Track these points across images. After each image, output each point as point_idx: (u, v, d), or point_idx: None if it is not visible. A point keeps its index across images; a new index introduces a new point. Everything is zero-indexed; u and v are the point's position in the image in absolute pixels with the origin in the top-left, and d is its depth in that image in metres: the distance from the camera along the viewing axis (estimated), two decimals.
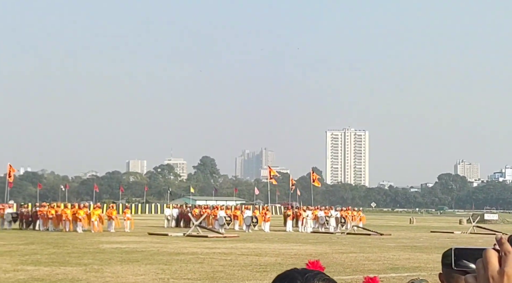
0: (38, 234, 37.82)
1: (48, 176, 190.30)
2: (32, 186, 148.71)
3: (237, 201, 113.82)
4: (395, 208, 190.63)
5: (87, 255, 23.06)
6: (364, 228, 44.94)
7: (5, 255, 22.95)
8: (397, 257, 23.90)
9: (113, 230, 40.41)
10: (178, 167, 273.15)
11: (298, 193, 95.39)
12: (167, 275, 17.34)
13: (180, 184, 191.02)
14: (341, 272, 18.07)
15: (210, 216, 46.23)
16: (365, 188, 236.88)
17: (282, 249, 27.28)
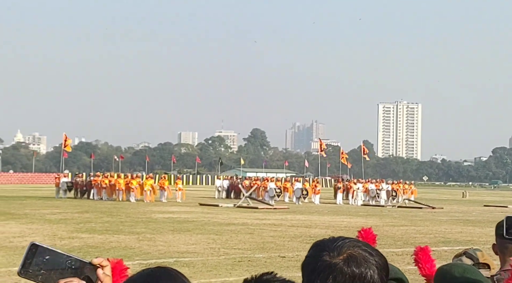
0: (92, 203, 38.64)
1: (102, 147, 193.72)
2: (86, 156, 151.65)
3: (287, 174, 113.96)
4: (448, 182, 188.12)
5: (140, 224, 23.47)
6: (415, 202, 44.50)
7: (60, 223, 23.54)
8: (449, 230, 23.62)
9: (165, 200, 41.00)
10: (228, 139, 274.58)
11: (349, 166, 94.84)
12: (217, 244, 17.52)
13: (230, 156, 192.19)
14: (392, 245, 17.97)
15: (260, 187, 46.45)
16: (417, 161, 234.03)
17: (332, 221, 27.25)
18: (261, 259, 14.89)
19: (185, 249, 16.36)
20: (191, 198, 45.00)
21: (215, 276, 12.22)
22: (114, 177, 45.09)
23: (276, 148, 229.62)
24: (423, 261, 3.21)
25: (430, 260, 3.22)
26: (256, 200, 39.32)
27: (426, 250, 3.26)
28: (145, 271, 2.02)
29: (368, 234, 2.90)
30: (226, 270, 13.13)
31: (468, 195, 69.82)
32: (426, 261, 3.21)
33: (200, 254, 15.47)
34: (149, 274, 1.97)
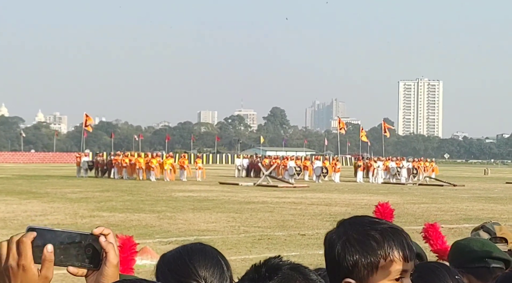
0: (113, 182, 38.89)
1: (122, 126, 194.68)
2: (107, 136, 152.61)
3: (307, 152, 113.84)
4: (469, 159, 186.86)
5: (160, 203, 23.56)
6: (436, 179, 44.26)
7: (81, 201, 23.71)
8: (470, 208, 23.46)
9: (185, 179, 41.14)
10: (248, 118, 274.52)
11: (369, 144, 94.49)
12: (237, 223, 17.54)
13: (250, 135, 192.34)
14: (412, 222, 17.87)
15: (280, 166, 46.45)
16: (438, 139, 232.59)
17: (352, 199, 27.18)
18: (280, 237, 14.88)
19: (205, 227, 16.40)
20: (211, 177, 45.11)
21: (235, 254, 12.23)
22: (134, 156, 45.31)
23: (296, 126, 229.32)
24: (434, 238, 3.18)
25: (440, 236, 3.19)
26: (276, 179, 39.33)
27: (435, 227, 3.23)
28: (180, 246, 2.06)
29: (385, 209, 2.86)
30: (246, 248, 13.14)
31: (490, 172, 69.30)
32: (437, 237, 3.18)
33: (220, 232, 15.50)
34: (183, 247, 2.03)
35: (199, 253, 1.98)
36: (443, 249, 3.10)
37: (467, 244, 2.85)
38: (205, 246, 2.06)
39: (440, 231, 3.26)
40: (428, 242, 3.25)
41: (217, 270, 1.96)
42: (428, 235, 3.24)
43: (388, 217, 2.80)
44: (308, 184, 38.31)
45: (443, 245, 3.16)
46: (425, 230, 3.26)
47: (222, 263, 2.00)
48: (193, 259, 1.95)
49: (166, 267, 1.97)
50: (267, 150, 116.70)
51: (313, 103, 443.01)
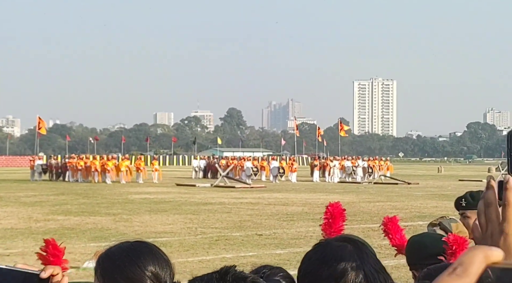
0: (67, 185, 38.36)
1: (77, 129, 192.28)
2: (61, 139, 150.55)
3: (264, 152, 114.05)
4: (423, 157, 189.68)
5: (116, 205, 23.34)
6: (391, 178, 44.83)
7: (36, 205, 23.33)
8: (424, 205, 23.83)
9: (141, 181, 40.81)
10: (205, 119, 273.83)
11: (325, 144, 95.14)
12: (195, 224, 17.49)
13: (207, 136, 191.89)
14: (368, 221, 18.08)
15: (237, 167, 46.47)
16: (393, 138, 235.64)
17: (309, 198, 27.34)
18: (238, 237, 14.89)
19: (162, 229, 16.31)
20: (168, 178, 44.85)
21: (192, 255, 12.20)
22: (89, 159, 44.76)
23: (253, 127, 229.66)
24: (393, 231, 3.20)
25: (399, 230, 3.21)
26: (233, 179, 39.33)
27: (394, 221, 3.24)
28: (124, 244, 1.99)
29: (335, 209, 2.87)
30: (203, 249, 13.11)
31: (444, 170, 70.50)
32: (396, 231, 3.20)
33: (177, 234, 15.43)
34: (129, 247, 1.95)
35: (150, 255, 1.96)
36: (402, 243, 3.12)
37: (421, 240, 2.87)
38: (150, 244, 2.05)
39: (399, 225, 3.27)
40: (387, 236, 3.26)
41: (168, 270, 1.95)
42: (387, 229, 3.25)
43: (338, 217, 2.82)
44: (265, 185, 38.41)
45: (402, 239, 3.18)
46: (384, 224, 3.27)
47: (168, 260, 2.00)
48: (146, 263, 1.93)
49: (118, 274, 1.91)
50: (224, 151, 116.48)
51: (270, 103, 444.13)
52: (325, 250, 1.71)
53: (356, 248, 1.73)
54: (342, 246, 1.73)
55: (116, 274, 1.91)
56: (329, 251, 1.71)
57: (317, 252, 1.73)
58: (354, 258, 1.69)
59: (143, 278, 1.89)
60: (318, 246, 1.76)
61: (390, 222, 3.24)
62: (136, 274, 1.89)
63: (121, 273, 1.90)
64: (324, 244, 1.75)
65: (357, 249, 1.73)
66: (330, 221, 2.86)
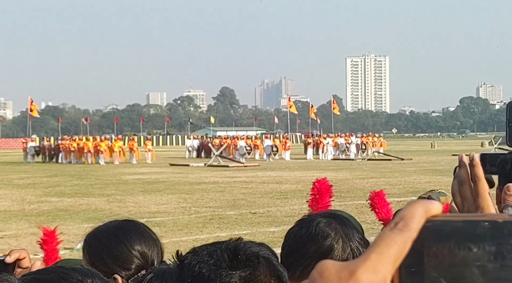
0: (60, 166, 38.30)
1: (69, 110, 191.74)
2: (54, 120, 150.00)
3: (257, 131, 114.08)
4: (417, 133, 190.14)
5: (110, 186, 23.33)
6: (385, 154, 44.92)
7: (29, 187, 23.29)
8: (418, 180, 23.91)
9: (134, 162, 40.77)
10: (197, 98, 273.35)
11: (318, 121, 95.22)
12: (188, 203, 17.51)
13: (200, 116, 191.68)
14: (361, 197, 18.10)
15: (230, 146, 46.43)
16: (386, 114, 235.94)
17: (302, 176, 27.37)
18: (232, 216, 14.91)
19: (156, 209, 16.32)
20: (161, 159, 44.82)
21: (186, 235, 12.21)
22: (82, 140, 44.66)
23: (246, 106, 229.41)
24: (379, 206, 3.18)
25: (385, 204, 3.19)
26: (227, 159, 39.32)
27: (381, 195, 3.22)
28: (112, 223, 1.99)
29: (322, 185, 2.85)
30: (197, 228, 13.13)
31: (437, 145, 70.64)
32: (382, 205, 3.18)
33: (171, 214, 15.44)
34: (116, 226, 1.96)
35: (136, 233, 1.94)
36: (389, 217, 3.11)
37: None
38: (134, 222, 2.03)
39: (385, 199, 3.25)
40: (374, 211, 3.24)
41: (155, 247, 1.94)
42: (373, 204, 3.23)
43: (325, 193, 2.80)
44: (258, 163, 38.43)
45: (388, 214, 3.16)
46: (371, 198, 3.25)
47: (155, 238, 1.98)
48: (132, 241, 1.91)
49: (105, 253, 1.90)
50: (217, 130, 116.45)
51: (262, 82, 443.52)
52: (310, 227, 1.69)
53: (341, 223, 1.72)
54: (327, 222, 1.70)
55: (102, 252, 1.90)
56: (314, 227, 1.68)
57: (301, 228, 1.70)
58: (340, 234, 1.68)
59: (129, 256, 1.88)
60: (301, 222, 1.74)
61: (376, 196, 3.22)
62: (122, 253, 1.89)
63: (108, 252, 1.90)
64: (308, 221, 1.73)
65: (342, 225, 1.72)
66: (317, 197, 2.84)
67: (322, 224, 1.68)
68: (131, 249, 1.89)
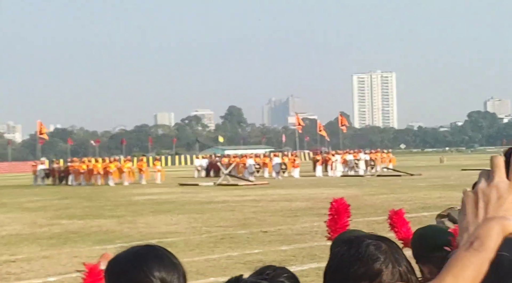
0: (71, 188, 38.38)
1: (78, 132, 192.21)
2: (63, 143, 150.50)
3: (265, 149, 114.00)
4: (425, 148, 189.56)
5: (120, 207, 23.34)
6: (394, 170, 44.78)
7: (40, 210, 23.34)
8: (428, 196, 23.81)
9: (144, 182, 40.82)
10: (205, 118, 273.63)
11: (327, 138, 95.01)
12: (199, 223, 17.48)
13: (208, 135, 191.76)
14: (372, 213, 18.06)
15: (239, 164, 46.43)
16: (394, 130, 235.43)
17: (312, 194, 27.32)
18: (243, 235, 14.88)
19: (167, 230, 16.31)
20: (171, 178, 44.84)
21: (197, 255, 12.19)
22: (91, 161, 44.77)
23: (254, 124, 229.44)
24: (399, 225, 3.17)
25: (405, 223, 3.18)
26: (236, 177, 39.31)
27: (400, 214, 3.22)
28: (132, 249, 2.01)
29: (340, 205, 2.85)
30: (208, 248, 13.11)
31: (446, 160, 70.41)
32: (401, 224, 3.18)
33: (182, 234, 15.43)
34: (136, 252, 1.97)
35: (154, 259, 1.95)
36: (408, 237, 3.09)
37: (426, 232, 2.85)
38: (159, 249, 2.03)
39: (404, 218, 3.24)
40: (393, 230, 3.24)
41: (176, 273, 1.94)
42: (393, 223, 3.22)
43: (343, 213, 2.80)
44: (268, 181, 38.38)
45: (408, 233, 3.15)
46: (390, 217, 3.25)
47: (178, 266, 1.99)
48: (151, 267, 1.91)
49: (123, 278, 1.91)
50: (226, 149, 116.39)
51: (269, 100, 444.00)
52: (359, 248, 1.66)
53: (390, 247, 1.69)
54: (376, 244, 1.68)
55: (121, 278, 1.92)
56: (364, 249, 1.66)
57: (350, 249, 1.67)
58: (389, 258, 1.65)
59: (148, 282, 1.89)
60: (350, 242, 1.71)
61: (395, 215, 3.21)
62: (141, 278, 1.89)
63: (126, 277, 1.91)
64: (358, 242, 1.70)
65: (392, 248, 1.69)
66: (335, 217, 2.84)
67: (372, 247, 1.66)
68: (150, 275, 1.90)
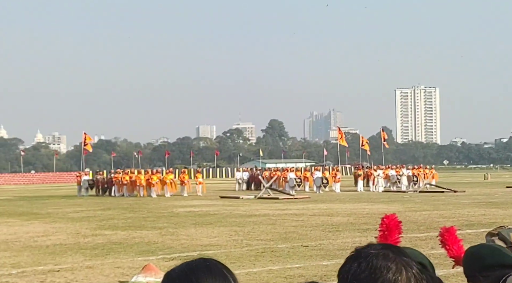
0: (113, 200, 38.83)
1: (121, 144, 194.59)
2: (107, 154, 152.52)
3: (306, 163, 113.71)
4: (469, 165, 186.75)
5: (162, 219, 23.53)
6: (437, 186, 44.22)
7: (83, 220, 23.67)
8: (472, 213, 23.44)
9: (186, 194, 41.09)
10: (246, 131, 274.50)
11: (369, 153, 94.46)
12: (240, 236, 17.51)
13: (249, 148, 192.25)
14: (415, 230, 17.87)
15: (280, 178, 46.41)
16: (437, 145, 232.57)
17: (353, 208, 27.15)
18: (284, 249, 14.86)
19: (208, 242, 16.38)
20: (212, 191, 45.06)
21: (238, 268, 12.21)
22: (134, 173, 45.28)
23: (295, 138, 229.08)
24: (450, 243, 3.12)
25: (457, 241, 3.13)
26: (277, 191, 39.28)
27: (452, 231, 3.16)
28: (186, 262, 2.04)
29: (391, 221, 2.82)
30: (249, 261, 13.12)
31: (490, 177, 69.25)
32: (453, 242, 3.12)
33: (223, 247, 15.47)
34: (188, 264, 1.99)
35: (204, 270, 1.96)
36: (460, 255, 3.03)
37: (478, 251, 2.80)
38: (209, 261, 2.04)
39: (456, 236, 3.18)
40: (444, 247, 3.18)
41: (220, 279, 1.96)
42: (444, 240, 3.17)
43: (394, 229, 2.78)
44: (309, 195, 38.27)
45: (459, 251, 3.09)
46: (441, 235, 3.18)
47: (229, 277, 2.00)
48: (199, 277, 1.94)
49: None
50: (266, 163, 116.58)
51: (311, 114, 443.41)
52: (369, 262, 1.64)
53: (396, 252, 1.68)
54: (384, 253, 1.65)
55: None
56: (373, 261, 1.64)
57: (360, 264, 1.64)
58: (400, 264, 1.64)
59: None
60: (357, 258, 1.67)
61: (447, 232, 3.16)
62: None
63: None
64: (364, 256, 1.66)
65: (399, 253, 1.68)
66: (385, 233, 2.82)
67: (381, 257, 1.64)
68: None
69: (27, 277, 11.93)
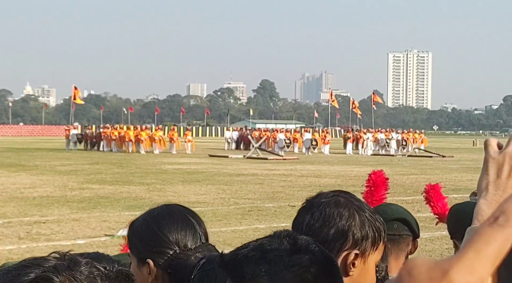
0: (102, 154, 38.78)
1: (111, 99, 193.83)
2: (96, 109, 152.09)
3: (296, 125, 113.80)
4: (458, 130, 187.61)
5: (150, 175, 23.54)
6: (425, 150, 44.40)
7: (71, 174, 23.64)
8: (459, 178, 23.57)
9: (174, 152, 41.06)
10: (237, 90, 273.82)
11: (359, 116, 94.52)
12: (227, 194, 17.56)
13: (239, 108, 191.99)
14: (402, 193, 17.99)
15: (269, 138, 46.41)
16: (427, 110, 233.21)
17: (341, 171, 27.25)
18: (270, 208, 14.92)
19: (195, 199, 16.40)
20: (201, 149, 45.05)
21: (225, 225, 12.25)
22: (123, 129, 45.14)
23: (286, 99, 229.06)
24: (435, 199, 3.09)
25: (441, 198, 3.10)
26: (266, 151, 39.32)
27: (437, 188, 3.13)
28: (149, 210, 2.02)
29: (378, 177, 2.79)
30: (236, 219, 13.16)
31: (479, 143, 69.52)
32: (438, 199, 3.09)
33: (210, 204, 15.51)
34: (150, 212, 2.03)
35: (167, 217, 1.93)
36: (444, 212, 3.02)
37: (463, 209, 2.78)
38: (172, 207, 2.01)
39: (441, 193, 3.16)
40: (429, 204, 3.16)
41: (188, 231, 1.91)
42: (429, 197, 3.15)
43: (380, 185, 2.74)
44: (297, 156, 38.35)
45: (444, 208, 3.07)
46: (426, 192, 3.17)
47: (192, 221, 1.95)
48: (161, 225, 1.90)
49: (136, 238, 1.93)
50: (256, 123, 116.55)
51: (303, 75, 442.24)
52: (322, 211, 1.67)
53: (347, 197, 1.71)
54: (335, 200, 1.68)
55: (134, 237, 1.94)
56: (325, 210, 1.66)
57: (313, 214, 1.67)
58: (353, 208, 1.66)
59: (159, 240, 1.89)
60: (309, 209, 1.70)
61: (432, 189, 3.13)
62: (152, 237, 1.90)
63: (139, 236, 1.93)
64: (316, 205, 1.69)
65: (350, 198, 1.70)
66: (372, 189, 2.79)
67: (333, 204, 1.67)
68: (160, 233, 1.89)
69: (13, 227, 11.92)
